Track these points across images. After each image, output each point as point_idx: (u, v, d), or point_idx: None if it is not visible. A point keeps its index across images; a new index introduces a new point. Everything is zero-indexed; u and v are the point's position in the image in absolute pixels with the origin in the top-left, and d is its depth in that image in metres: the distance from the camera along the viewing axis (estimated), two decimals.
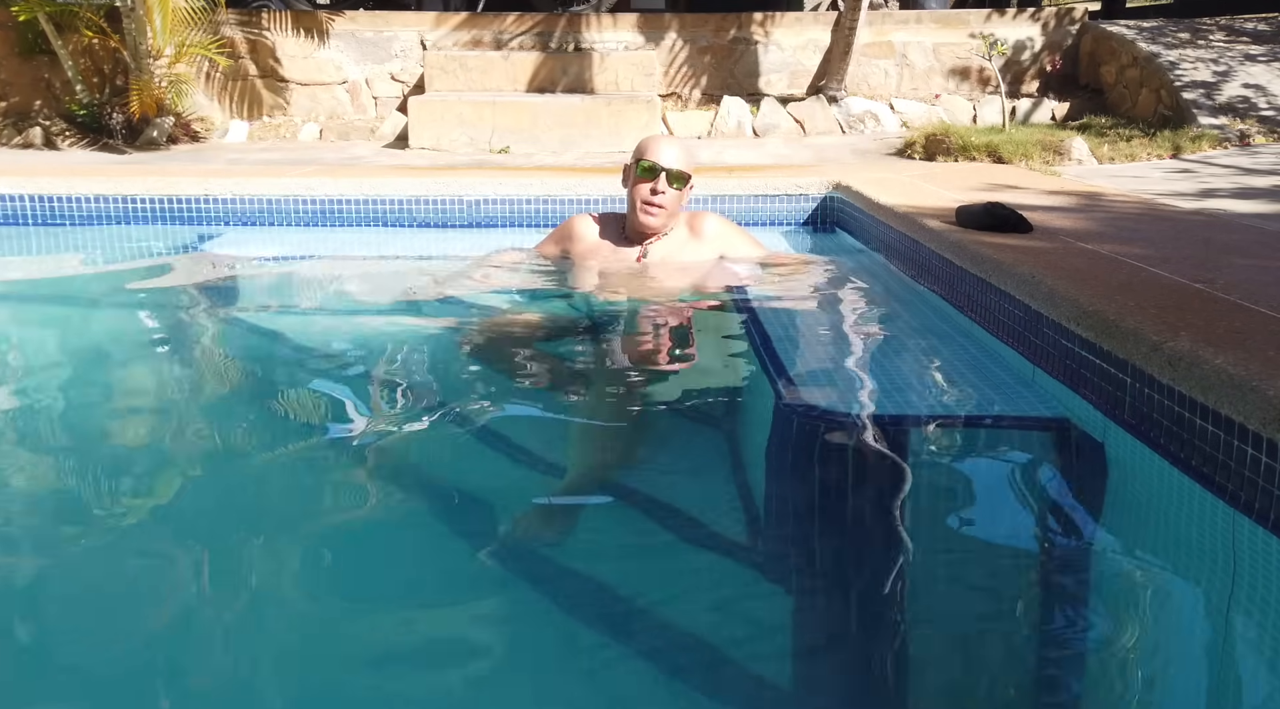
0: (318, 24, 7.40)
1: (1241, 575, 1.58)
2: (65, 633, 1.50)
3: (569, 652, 1.47)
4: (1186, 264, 2.45)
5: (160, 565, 1.71)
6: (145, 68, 6.43)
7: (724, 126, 7.19)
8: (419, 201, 4.42)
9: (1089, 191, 4.04)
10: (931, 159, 5.65)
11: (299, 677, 1.42)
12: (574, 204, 4.33)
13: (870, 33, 7.46)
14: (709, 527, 1.86)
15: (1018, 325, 2.43)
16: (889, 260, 3.60)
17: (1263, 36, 7.38)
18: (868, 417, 2.22)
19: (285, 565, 1.72)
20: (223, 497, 1.97)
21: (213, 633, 1.50)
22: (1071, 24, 7.62)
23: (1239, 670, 1.46)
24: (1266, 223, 3.43)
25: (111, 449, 2.22)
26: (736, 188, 4.41)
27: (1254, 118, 6.09)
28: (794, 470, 2.16)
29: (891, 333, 2.96)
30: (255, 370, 2.86)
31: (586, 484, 1.98)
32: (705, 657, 1.46)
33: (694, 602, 1.60)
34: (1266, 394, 1.52)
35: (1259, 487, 1.55)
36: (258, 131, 7.22)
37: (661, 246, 3.28)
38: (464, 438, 2.27)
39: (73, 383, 2.67)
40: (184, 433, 2.31)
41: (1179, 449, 1.76)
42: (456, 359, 2.74)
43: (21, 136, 6.62)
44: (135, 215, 4.40)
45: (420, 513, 1.94)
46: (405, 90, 7.42)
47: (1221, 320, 1.89)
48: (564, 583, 1.65)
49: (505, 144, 6.40)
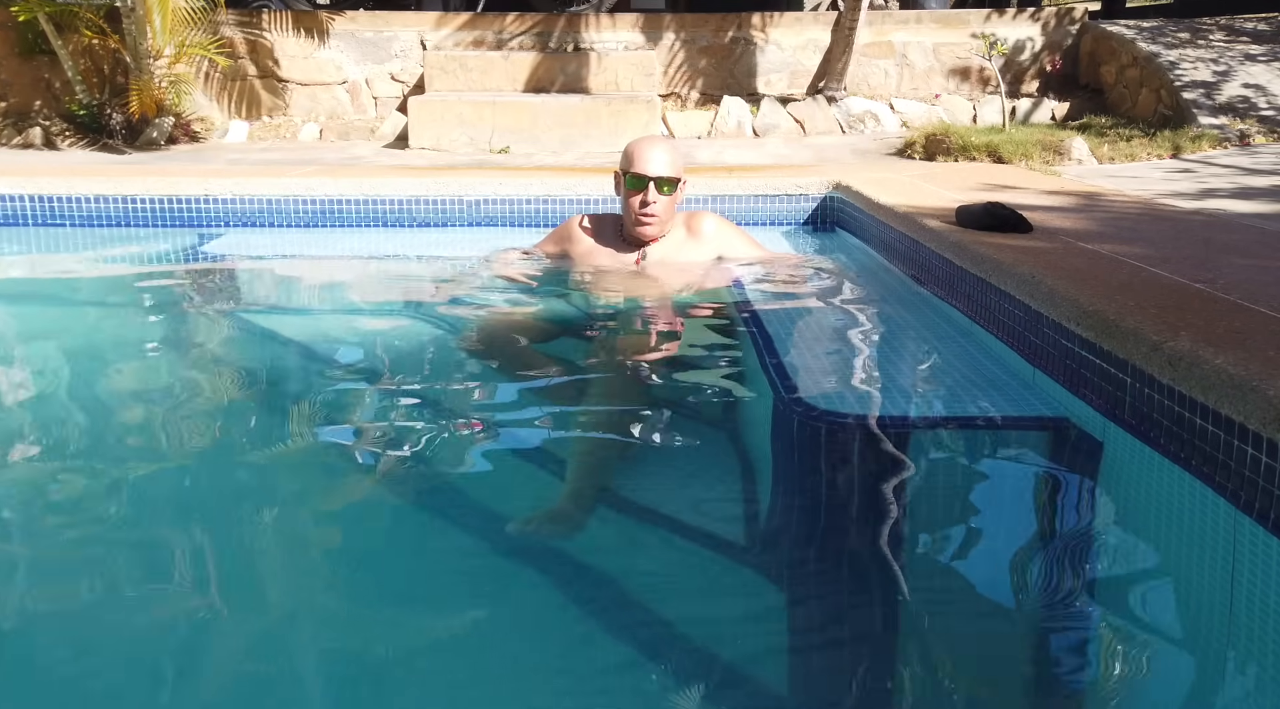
0: (318, 24, 7.40)
1: (1241, 575, 1.58)
2: (65, 632, 1.50)
3: (569, 651, 1.47)
4: (1186, 264, 2.45)
5: (160, 565, 1.71)
6: (145, 68, 6.43)
7: (724, 126, 7.20)
8: (419, 201, 4.42)
9: (1089, 191, 4.04)
10: (931, 159, 5.65)
11: (298, 676, 1.42)
12: (574, 204, 4.33)
13: (870, 33, 7.46)
14: (709, 527, 1.86)
15: (1018, 325, 2.43)
16: (889, 260, 3.60)
17: (1263, 36, 7.38)
18: (868, 417, 2.22)
19: (284, 564, 1.72)
20: (222, 497, 1.97)
21: (212, 632, 1.50)
22: (1071, 24, 7.62)
23: (1239, 670, 1.46)
24: (1266, 223, 3.43)
25: (111, 449, 2.22)
26: (736, 188, 4.42)
27: (1254, 118, 6.09)
28: (795, 470, 2.16)
29: (891, 333, 2.96)
30: (255, 371, 2.86)
31: (586, 484, 1.98)
32: (705, 656, 1.46)
33: (694, 602, 1.59)
34: (1266, 394, 1.52)
35: (1259, 486, 1.55)
36: (258, 132, 7.22)
37: (660, 247, 3.28)
38: (463, 438, 2.26)
39: (73, 383, 2.67)
40: (184, 433, 2.31)
41: (1179, 449, 1.76)
42: (456, 358, 2.74)
43: (21, 136, 6.62)
44: (135, 215, 4.39)
45: (419, 512, 1.94)
46: (405, 90, 7.42)
47: (1221, 320, 1.89)
48: (563, 583, 1.65)
49: (505, 144, 6.40)
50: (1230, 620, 1.53)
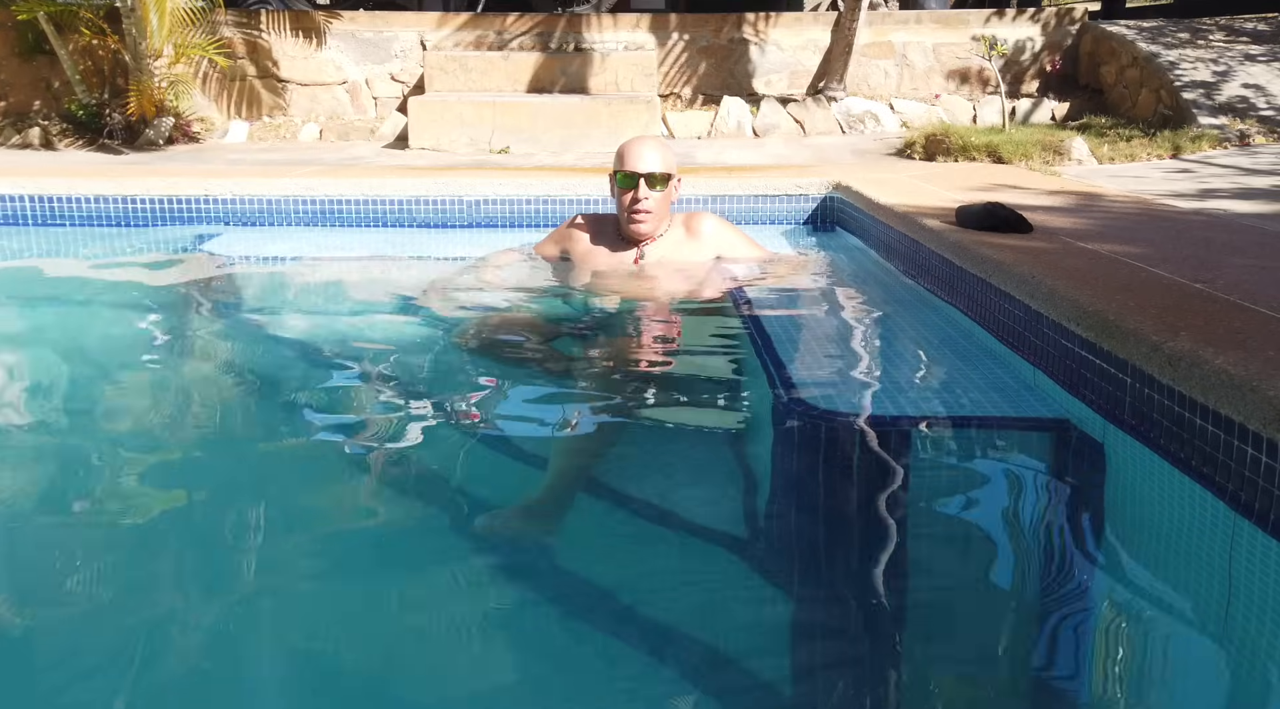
0: (317, 24, 7.40)
1: (1239, 575, 1.58)
2: (65, 631, 1.50)
3: (565, 651, 1.47)
4: (1186, 264, 2.45)
5: (160, 564, 1.71)
6: (145, 68, 6.43)
7: (724, 127, 7.19)
8: (419, 202, 4.42)
9: (1089, 192, 4.03)
10: (931, 159, 5.65)
11: (296, 674, 1.41)
12: (574, 204, 4.33)
13: (870, 33, 7.46)
14: (708, 527, 1.86)
15: (1018, 325, 2.42)
16: (889, 260, 3.60)
17: (1262, 36, 7.38)
18: (868, 417, 2.22)
19: (282, 562, 1.71)
20: (221, 497, 1.97)
21: (210, 630, 1.50)
22: (1071, 24, 7.62)
23: (1238, 670, 1.46)
24: (1266, 223, 3.42)
25: (111, 449, 2.22)
26: (737, 188, 4.42)
27: (1254, 118, 6.08)
28: (794, 470, 2.15)
29: (891, 333, 2.96)
30: (253, 370, 2.85)
31: (577, 481, 1.98)
32: (704, 656, 1.46)
33: (694, 602, 1.59)
34: (1266, 394, 1.51)
35: (1259, 487, 1.55)
36: (258, 132, 7.22)
37: (658, 247, 3.28)
38: (462, 438, 2.26)
39: (72, 384, 2.67)
40: (183, 434, 2.31)
41: (1179, 449, 1.76)
42: (455, 359, 2.74)
43: (20, 136, 6.62)
44: (135, 216, 4.39)
45: (418, 512, 1.94)
46: (405, 91, 7.42)
47: (1221, 320, 1.89)
48: (561, 582, 1.65)
49: (505, 144, 6.40)
50: (1230, 620, 1.53)
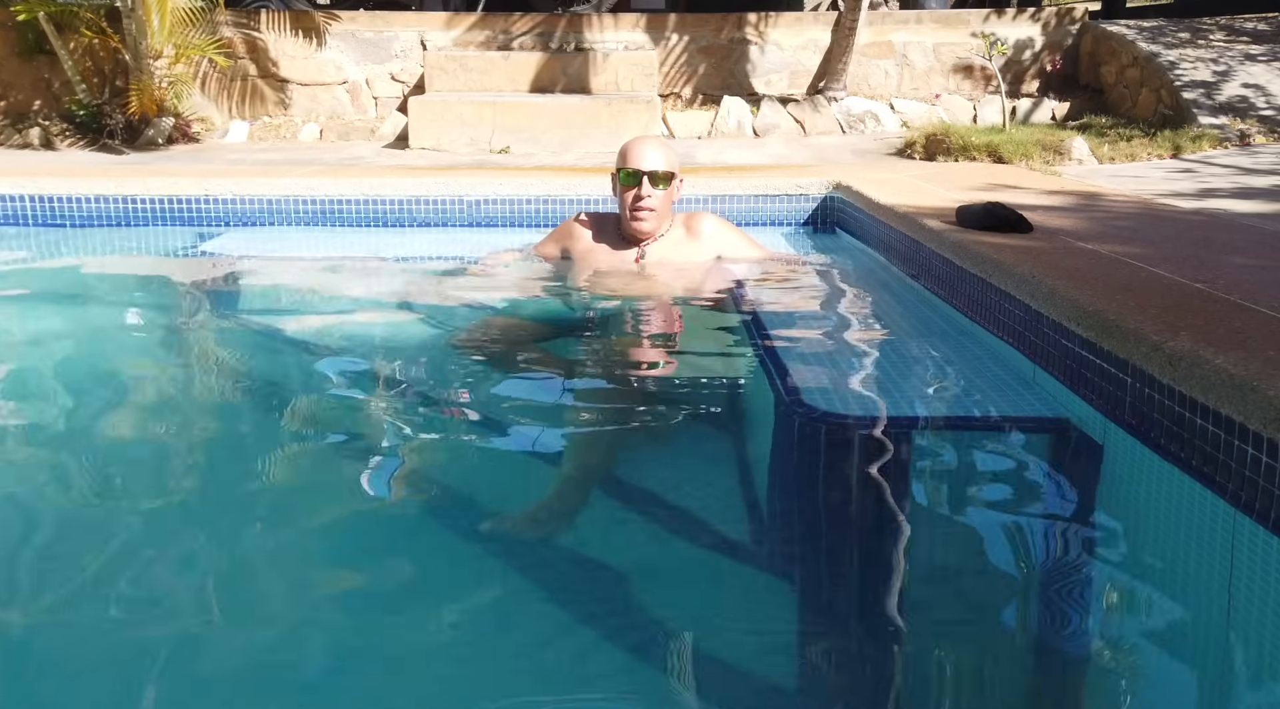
0: (317, 24, 7.40)
1: (1240, 575, 1.58)
2: (65, 631, 1.50)
3: (565, 651, 1.47)
4: (1186, 264, 2.45)
5: (159, 563, 1.71)
6: (145, 68, 6.43)
7: (724, 127, 7.19)
8: (419, 201, 4.42)
9: (1089, 191, 4.03)
10: (931, 159, 5.65)
11: (298, 674, 1.42)
12: (574, 204, 4.33)
13: (870, 33, 7.46)
14: (709, 527, 1.86)
15: (1018, 325, 2.42)
16: (889, 260, 3.60)
17: (1263, 36, 7.38)
18: (868, 417, 2.22)
19: (282, 562, 1.71)
20: (220, 497, 1.97)
21: (210, 630, 1.50)
22: (1071, 24, 7.61)
23: (1238, 670, 1.46)
24: (1266, 223, 3.42)
25: (111, 449, 2.22)
26: (737, 188, 4.42)
27: (1254, 118, 6.08)
28: (795, 471, 2.15)
29: (891, 333, 2.96)
30: (253, 370, 2.86)
31: (586, 484, 1.98)
32: (705, 657, 1.46)
33: (694, 602, 1.59)
34: (1267, 394, 1.51)
35: (1259, 486, 1.55)
36: (258, 132, 7.22)
37: (659, 247, 3.28)
38: (462, 438, 2.27)
39: (72, 384, 2.67)
40: (183, 434, 2.31)
41: (1179, 449, 1.76)
42: (455, 359, 2.74)
43: (20, 136, 6.62)
44: (135, 216, 4.40)
45: (418, 511, 1.94)
46: (405, 90, 7.42)
47: (1221, 320, 1.89)
48: (562, 583, 1.65)
49: (505, 144, 6.40)
50: (1231, 620, 1.53)
